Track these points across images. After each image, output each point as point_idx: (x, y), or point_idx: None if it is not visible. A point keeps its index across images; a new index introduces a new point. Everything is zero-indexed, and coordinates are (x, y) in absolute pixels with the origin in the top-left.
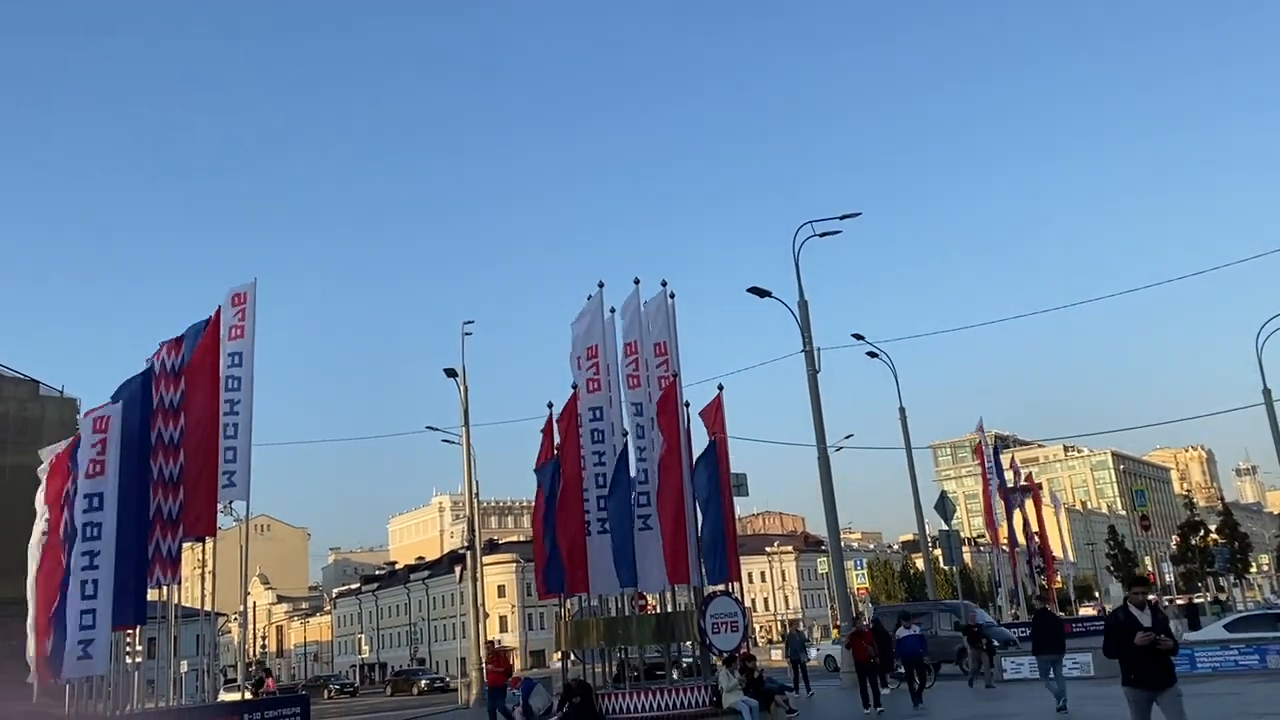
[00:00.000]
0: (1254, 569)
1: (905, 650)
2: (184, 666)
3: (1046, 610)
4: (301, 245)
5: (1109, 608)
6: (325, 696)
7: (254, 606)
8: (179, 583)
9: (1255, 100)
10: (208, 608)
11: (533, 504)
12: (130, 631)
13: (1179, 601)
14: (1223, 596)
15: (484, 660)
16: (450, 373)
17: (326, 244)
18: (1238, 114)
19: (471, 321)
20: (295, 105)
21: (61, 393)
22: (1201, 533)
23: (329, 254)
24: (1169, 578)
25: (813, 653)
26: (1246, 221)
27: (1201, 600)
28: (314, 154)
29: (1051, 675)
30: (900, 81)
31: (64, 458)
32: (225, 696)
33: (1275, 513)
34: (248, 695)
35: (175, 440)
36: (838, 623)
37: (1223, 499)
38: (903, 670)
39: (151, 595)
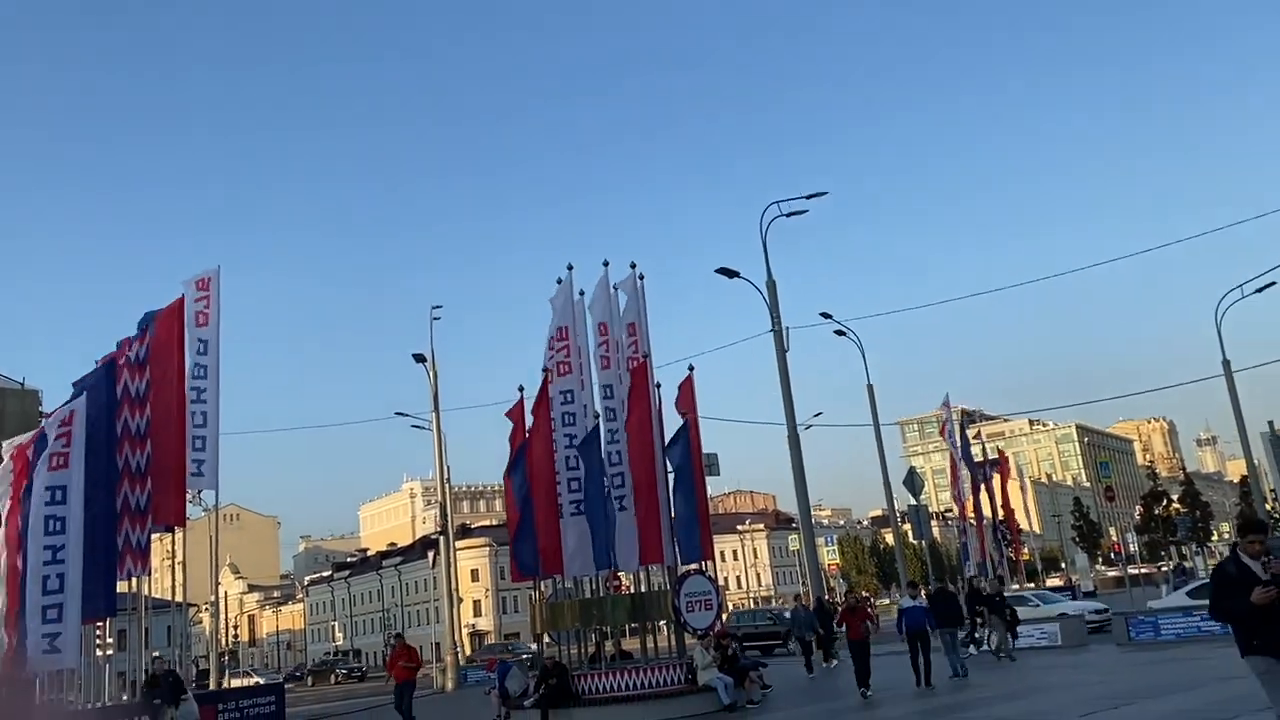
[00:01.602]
0: (1215, 537)
1: (909, 622)
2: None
3: (944, 589)
4: (266, 229)
5: (1075, 579)
6: (333, 681)
7: (225, 596)
8: (149, 574)
9: (1219, 75)
10: (178, 598)
11: (504, 488)
12: (100, 624)
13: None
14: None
15: (393, 653)
16: (419, 358)
17: (291, 228)
18: (1203, 91)
19: (440, 306)
20: (260, 85)
21: (23, 385)
22: (1164, 503)
23: (294, 238)
24: (1133, 547)
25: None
26: (1207, 194)
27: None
28: (279, 136)
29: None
30: (868, 60)
31: (23, 451)
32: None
33: (1235, 481)
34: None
35: (142, 430)
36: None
37: (1184, 469)
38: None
39: (121, 587)
